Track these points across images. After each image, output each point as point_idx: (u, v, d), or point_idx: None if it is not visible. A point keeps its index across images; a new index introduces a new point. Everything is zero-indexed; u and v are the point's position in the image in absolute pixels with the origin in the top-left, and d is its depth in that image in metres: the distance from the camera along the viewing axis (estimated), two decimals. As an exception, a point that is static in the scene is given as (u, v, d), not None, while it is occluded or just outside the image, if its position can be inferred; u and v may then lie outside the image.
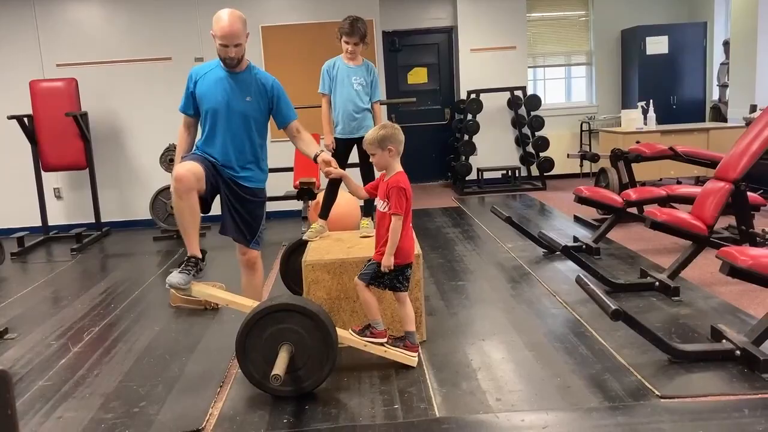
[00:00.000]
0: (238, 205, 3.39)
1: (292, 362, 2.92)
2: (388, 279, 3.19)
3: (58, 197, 7.46)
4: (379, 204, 3.22)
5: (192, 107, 3.43)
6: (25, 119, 6.70)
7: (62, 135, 6.74)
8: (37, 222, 7.00)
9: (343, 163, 4.34)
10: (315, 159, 3.41)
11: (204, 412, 2.89)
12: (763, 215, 5.43)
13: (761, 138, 4.29)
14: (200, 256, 3.29)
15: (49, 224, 7.05)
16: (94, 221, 7.14)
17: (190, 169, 3.16)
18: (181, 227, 3.28)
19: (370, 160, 3.27)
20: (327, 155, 3.42)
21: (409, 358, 3.24)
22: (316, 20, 7.32)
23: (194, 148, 3.46)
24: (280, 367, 2.78)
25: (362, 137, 4.21)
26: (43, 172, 6.88)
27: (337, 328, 3.13)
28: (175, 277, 3.19)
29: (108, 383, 3.26)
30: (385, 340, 3.24)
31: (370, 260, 3.24)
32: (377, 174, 3.41)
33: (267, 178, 3.55)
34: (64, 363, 3.57)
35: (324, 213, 4.16)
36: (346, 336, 3.22)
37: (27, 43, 7.20)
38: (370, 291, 3.22)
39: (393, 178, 3.17)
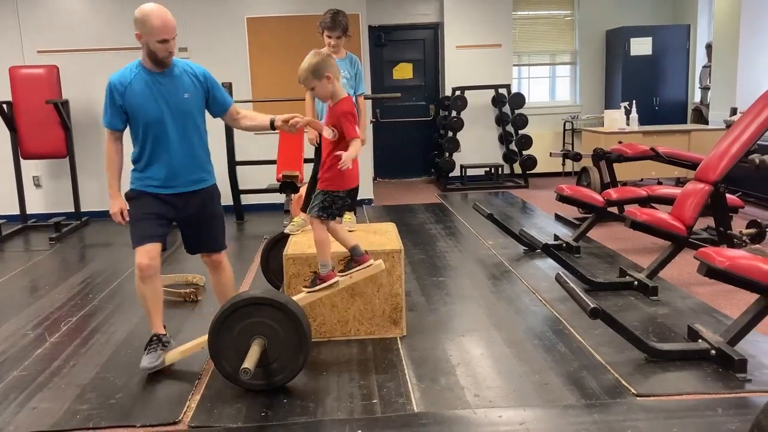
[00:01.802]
0: (204, 214, 3.29)
1: (265, 355, 2.90)
2: (337, 208, 3.16)
3: (37, 186, 7.37)
4: (326, 132, 3.13)
5: (123, 121, 3.12)
6: (4, 106, 6.60)
7: (42, 123, 6.65)
8: (15, 210, 6.90)
9: None
10: (272, 126, 3.25)
11: (181, 405, 2.87)
12: (741, 217, 5.49)
13: (741, 141, 4.34)
14: (163, 332, 3.26)
15: (28, 213, 6.96)
16: (73, 210, 7.05)
17: (152, 257, 3.09)
18: (143, 307, 3.25)
19: (314, 93, 3.16)
20: (281, 115, 3.26)
21: (371, 269, 3.24)
22: (302, 12, 7.28)
23: (133, 179, 3.19)
24: (249, 361, 2.76)
25: None
26: (22, 160, 6.79)
27: (292, 296, 3.14)
28: (147, 361, 3.15)
29: (84, 374, 3.23)
30: (336, 279, 3.20)
31: (315, 193, 3.20)
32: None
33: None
34: (40, 353, 3.53)
35: (306, 206, 4.14)
36: (302, 297, 3.19)
37: (7, 28, 7.09)
38: (325, 227, 3.18)
39: (337, 106, 3.09)
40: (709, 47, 8.38)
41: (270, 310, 2.92)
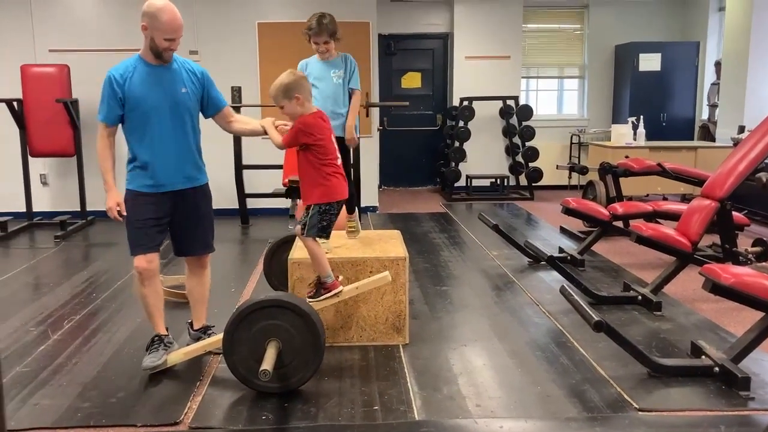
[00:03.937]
0: (198, 214, 3.30)
1: (278, 359, 2.90)
2: (330, 224, 3.19)
3: (45, 184, 7.40)
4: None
5: (119, 116, 3.14)
6: (15, 103, 6.64)
7: (51, 121, 6.68)
8: (22, 208, 6.92)
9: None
10: (263, 129, 3.28)
11: (182, 405, 2.87)
12: (746, 235, 5.48)
13: (748, 159, 4.34)
14: (165, 333, 3.28)
15: (34, 210, 6.98)
16: (79, 209, 7.07)
17: (149, 260, 3.13)
18: (145, 310, 3.28)
19: (282, 112, 3.15)
20: (267, 119, 3.30)
21: (377, 281, 3.31)
22: (313, 19, 7.31)
23: (129, 179, 3.22)
24: (268, 363, 2.77)
25: (340, 136, 4.10)
26: (30, 158, 6.82)
27: None
28: (149, 360, 3.17)
29: (86, 372, 3.24)
30: (340, 288, 3.25)
31: (310, 213, 3.17)
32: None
33: None
34: (43, 350, 3.54)
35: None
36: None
37: (20, 27, 7.14)
38: (318, 243, 3.22)
39: (298, 119, 3.11)
40: (718, 65, 8.39)
41: (293, 316, 2.92)
